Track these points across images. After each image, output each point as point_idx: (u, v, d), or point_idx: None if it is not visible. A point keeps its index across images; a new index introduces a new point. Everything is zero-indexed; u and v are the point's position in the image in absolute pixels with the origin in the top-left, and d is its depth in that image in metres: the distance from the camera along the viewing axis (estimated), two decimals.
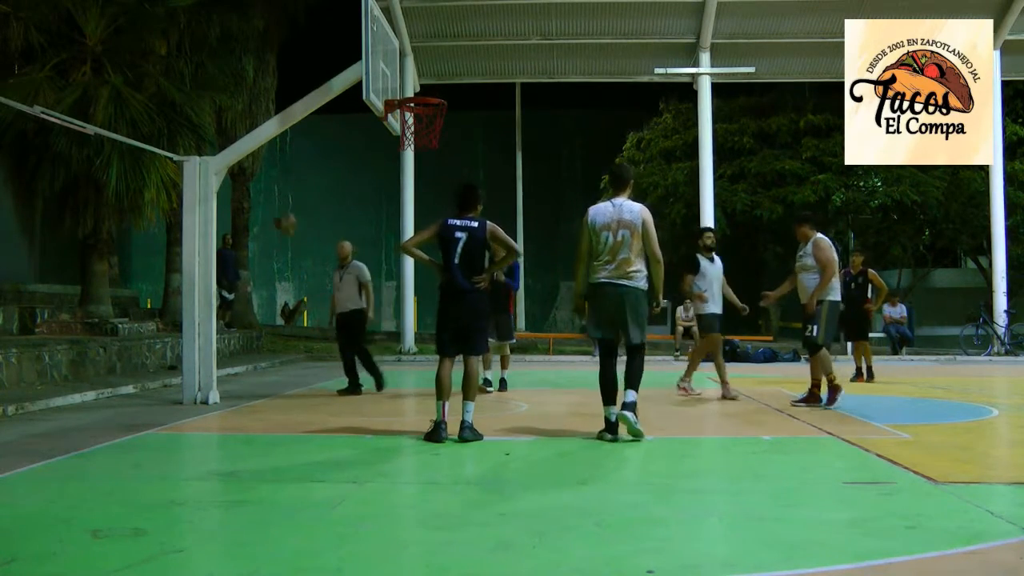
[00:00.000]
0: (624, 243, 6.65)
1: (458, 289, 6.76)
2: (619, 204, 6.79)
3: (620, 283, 6.67)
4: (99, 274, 14.58)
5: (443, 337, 6.88)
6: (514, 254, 7.05)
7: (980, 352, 18.49)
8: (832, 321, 8.68)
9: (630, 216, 6.70)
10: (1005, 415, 8.73)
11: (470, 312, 6.82)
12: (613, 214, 6.73)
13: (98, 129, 10.67)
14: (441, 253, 6.86)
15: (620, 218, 6.69)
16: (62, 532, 4.08)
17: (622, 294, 6.66)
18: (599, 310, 6.80)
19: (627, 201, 6.82)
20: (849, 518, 4.33)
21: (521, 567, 3.56)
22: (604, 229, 6.71)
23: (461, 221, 6.83)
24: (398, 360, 17.88)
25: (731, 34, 19.21)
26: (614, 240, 6.66)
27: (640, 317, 6.72)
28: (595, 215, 6.79)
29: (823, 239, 8.79)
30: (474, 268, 6.79)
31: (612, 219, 6.71)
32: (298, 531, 4.08)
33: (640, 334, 6.72)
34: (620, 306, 6.67)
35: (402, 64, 15.10)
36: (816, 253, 8.68)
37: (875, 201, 22.14)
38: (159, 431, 7.42)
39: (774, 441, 6.91)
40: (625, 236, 6.65)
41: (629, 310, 6.67)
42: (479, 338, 6.93)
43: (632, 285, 6.68)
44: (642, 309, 6.75)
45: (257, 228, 29.56)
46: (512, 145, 27.50)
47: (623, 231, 6.66)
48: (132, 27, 13.99)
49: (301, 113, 9.64)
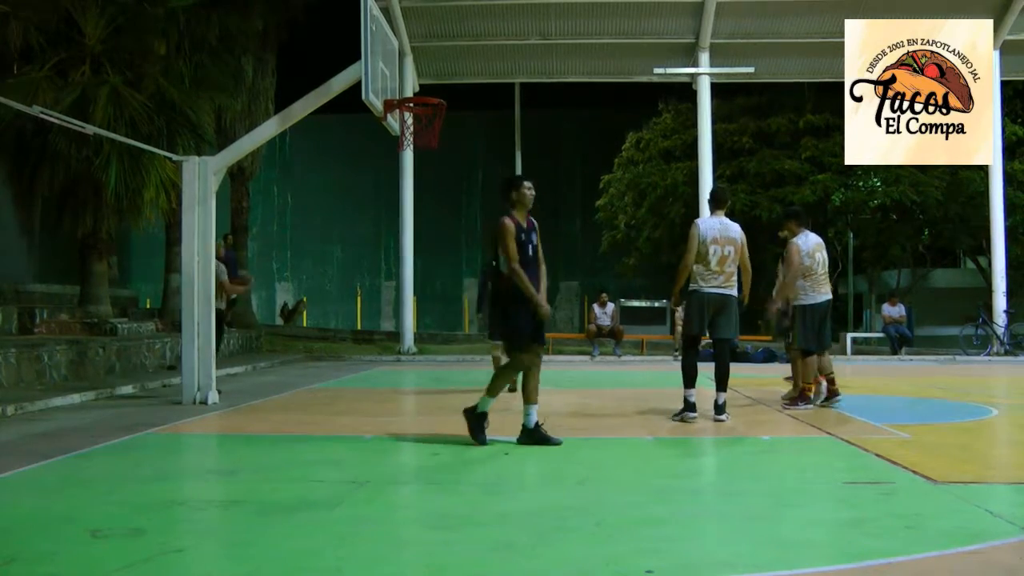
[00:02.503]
0: (729, 257, 7.66)
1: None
2: (724, 222, 7.77)
3: (724, 291, 7.69)
4: (98, 274, 14.57)
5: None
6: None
7: (979, 352, 18.49)
8: (808, 325, 8.57)
9: (735, 234, 7.75)
10: (1004, 415, 8.73)
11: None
12: (720, 230, 7.69)
13: (97, 129, 10.66)
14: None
15: (727, 235, 7.67)
16: (61, 532, 4.08)
17: (727, 299, 7.71)
18: (702, 311, 7.73)
19: (728, 220, 7.82)
20: (848, 518, 4.33)
21: (521, 567, 3.56)
22: (713, 243, 7.64)
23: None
24: (397, 360, 17.90)
25: (730, 34, 19.21)
26: (722, 253, 7.64)
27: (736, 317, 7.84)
28: (705, 230, 7.72)
29: (795, 243, 8.64)
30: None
31: (720, 235, 7.66)
32: (297, 531, 4.08)
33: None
34: (723, 309, 7.69)
35: (401, 64, 15.13)
36: (785, 254, 8.74)
37: (874, 201, 22.17)
38: (158, 431, 7.42)
39: (773, 441, 6.92)
40: (730, 251, 7.66)
41: (731, 312, 7.75)
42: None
43: (732, 293, 7.75)
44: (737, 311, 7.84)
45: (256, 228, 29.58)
46: (511, 145, 27.50)
47: (729, 247, 7.65)
48: (131, 27, 13.98)
49: (300, 113, 9.63)
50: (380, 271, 32.56)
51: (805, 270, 8.60)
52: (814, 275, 8.63)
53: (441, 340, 23.03)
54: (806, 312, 8.60)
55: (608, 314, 18.21)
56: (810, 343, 8.60)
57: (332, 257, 33.10)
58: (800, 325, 8.62)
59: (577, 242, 30.94)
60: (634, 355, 18.45)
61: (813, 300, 8.61)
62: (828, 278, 8.90)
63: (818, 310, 8.63)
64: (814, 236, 8.85)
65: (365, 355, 18.70)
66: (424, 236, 20.02)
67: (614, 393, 10.85)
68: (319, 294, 32.51)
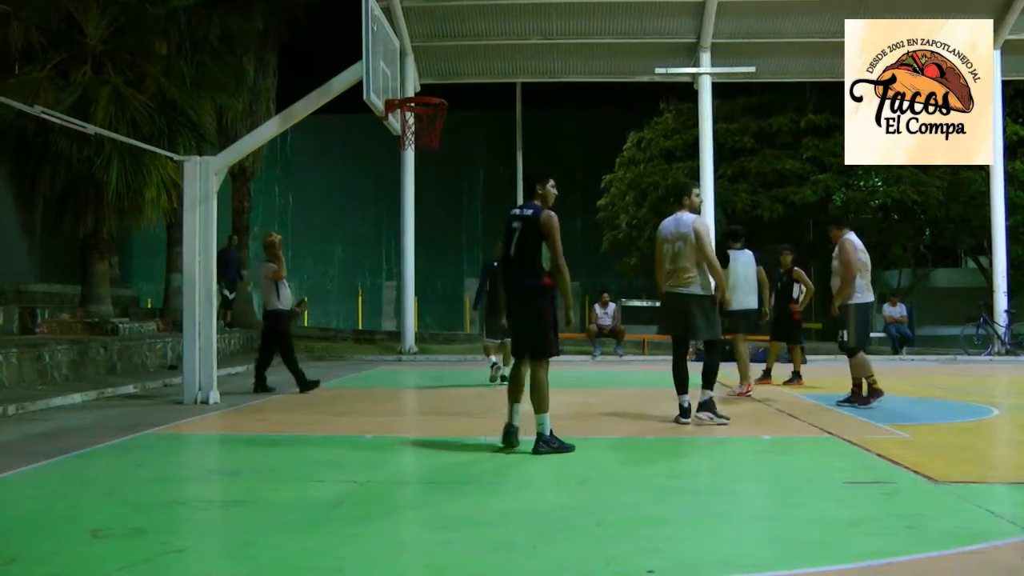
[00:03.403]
0: (681, 253, 7.32)
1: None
2: (678, 217, 7.50)
3: (680, 290, 7.37)
4: (99, 274, 14.58)
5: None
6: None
7: (980, 352, 18.47)
8: (862, 323, 8.63)
9: (684, 228, 7.37)
10: (1005, 415, 8.72)
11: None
12: (673, 226, 7.45)
13: (98, 129, 10.67)
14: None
15: (677, 230, 7.39)
16: (62, 532, 4.09)
17: (684, 299, 7.36)
18: (666, 311, 7.60)
19: (684, 214, 7.48)
20: (849, 518, 4.33)
21: (521, 567, 3.56)
22: (665, 242, 7.45)
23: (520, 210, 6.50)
24: (398, 360, 17.90)
25: (731, 34, 19.19)
26: (673, 250, 7.38)
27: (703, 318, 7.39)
28: (662, 228, 7.59)
29: (849, 240, 8.72)
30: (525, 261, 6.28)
31: (671, 231, 7.43)
32: (298, 531, 4.08)
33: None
34: (687, 309, 7.35)
35: (402, 64, 15.10)
36: (840, 255, 8.70)
37: (875, 201, 22.15)
38: (159, 431, 7.42)
39: (774, 441, 6.92)
40: (680, 247, 7.33)
41: (697, 312, 7.35)
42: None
43: (690, 291, 7.33)
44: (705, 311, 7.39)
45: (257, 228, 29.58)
46: (512, 145, 27.49)
47: (679, 242, 7.35)
48: (133, 27, 13.98)
49: (302, 113, 9.64)
50: (381, 271, 32.53)
51: (862, 266, 8.63)
52: (867, 274, 8.69)
53: (442, 340, 23.02)
54: (859, 310, 8.63)
55: (609, 314, 18.21)
56: (863, 341, 8.69)
57: (333, 257, 33.07)
58: (855, 323, 8.60)
59: (578, 242, 30.84)
60: (635, 355, 18.44)
61: (865, 299, 8.65)
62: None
63: (867, 309, 8.73)
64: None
65: (366, 355, 18.70)
66: (425, 236, 20.00)
67: (615, 393, 10.86)
68: (320, 294, 32.48)
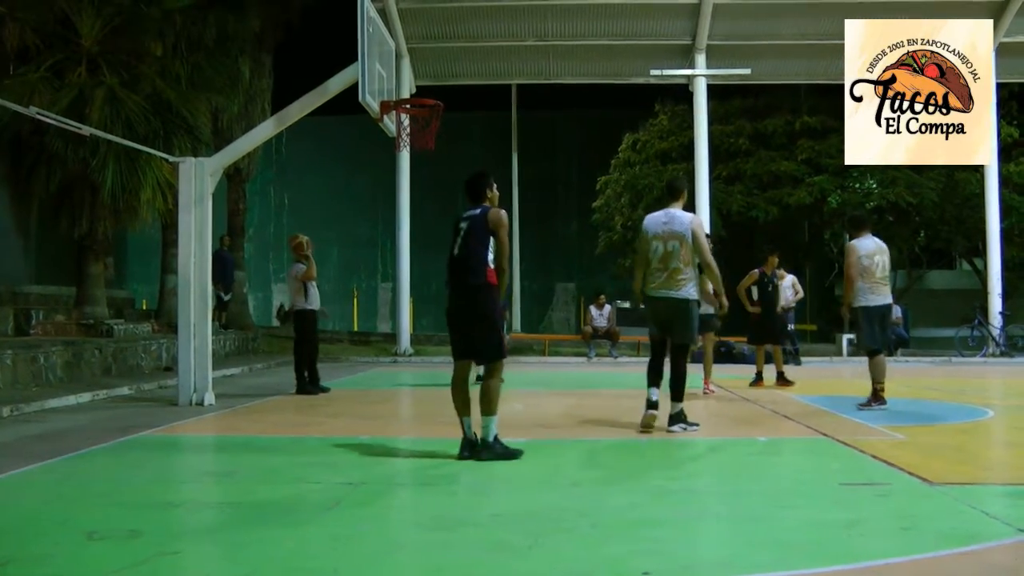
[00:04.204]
0: (673, 253, 6.95)
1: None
2: (671, 214, 7.10)
3: (669, 293, 7.01)
4: (95, 275, 14.55)
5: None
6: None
7: (975, 354, 18.51)
8: (871, 325, 8.66)
9: (680, 227, 7.00)
10: (1000, 416, 8.75)
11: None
12: (665, 224, 7.04)
13: (94, 130, 10.65)
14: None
15: (671, 229, 6.99)
16: (58, 534, 4.08)
17: (674, 303, 7.00)
18: (652, 315, 7.18)
19: (677, 211, 7.11)
20: (844, 519, 4.33)
21: (517, 568, 3.56)
22: (655, 239, 7.02)
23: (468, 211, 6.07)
24: (394, 361, 17.89)
25: (727, 36, 19.21)
26: (664, 250, 6.97)
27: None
28: (649, 224, 7.13)
29: (850, 245, 8.83)
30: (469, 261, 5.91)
31: (663, 229, 7.02)
32: (294, 532, 4.07)
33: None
34: (673, 313, 7.01)
35: (398, 65, 15.13)
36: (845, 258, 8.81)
37: (871, 203, 22.17)
38: (155, 433, 7.41)
39: (769, 442, 6.92)
40: (674, 247, 6.96)
41: (682, 317, 7.03)
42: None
43: (681, 295, 6.99)
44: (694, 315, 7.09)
45: (253, 229, 29.52)
46: (508, 146, 27.49)
47: (672, 242, 6.96)
48: (128, 28, 13.95)
49: (297, 114, 9.63)
50: (377, 272, 32.48)
51: (862, 270, 8.67)
52: (872, 277, 8.68)
53: (438, 341, 22.96)
54: (863, 313, 8.68)
55: (604, 316, 18.21)
56: (876, 343, 8.69)
57: (329, 258, 33.03)
58: (862, 326, 8.70)
59: (573, 243, 30.88)
60: (630, 356, 18.45)
61: (870, 302, 8.67)
62: (887, 282, 8.91)
63: (876, 312, 8.70)
64: (874, 240, 8.93)
65: (362, 356, 18.69)
66: (421, 237, 19.96)
67: (609, 394, 10.85)
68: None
